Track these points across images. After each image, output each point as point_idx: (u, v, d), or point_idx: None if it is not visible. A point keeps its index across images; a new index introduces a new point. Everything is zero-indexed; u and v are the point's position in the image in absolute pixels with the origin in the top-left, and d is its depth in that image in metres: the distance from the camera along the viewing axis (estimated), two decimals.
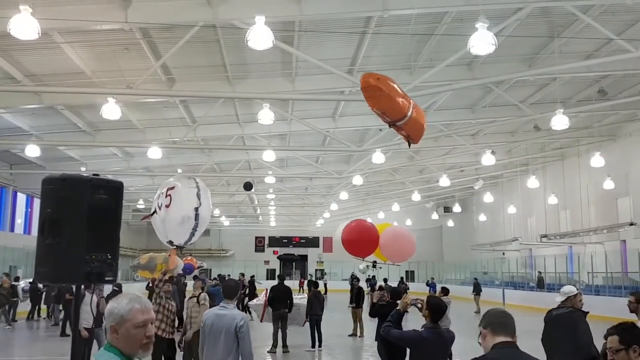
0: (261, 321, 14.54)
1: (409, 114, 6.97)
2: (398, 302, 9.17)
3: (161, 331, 8.24)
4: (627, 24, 13.77)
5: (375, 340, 8.95)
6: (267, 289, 14.82)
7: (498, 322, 3.13)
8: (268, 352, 13.52)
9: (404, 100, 7.01)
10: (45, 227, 3.74)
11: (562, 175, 29.30)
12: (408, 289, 26.36)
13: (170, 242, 7.26)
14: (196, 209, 7.09)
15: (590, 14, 12.49)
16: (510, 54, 15.22)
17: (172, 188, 7.16)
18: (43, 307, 21.35)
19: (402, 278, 37.69)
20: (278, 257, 51.01)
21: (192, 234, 7.18)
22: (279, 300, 13.89)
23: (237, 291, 5.97)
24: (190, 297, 9.10)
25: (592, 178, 25.95)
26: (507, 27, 12.42)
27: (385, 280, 27.39)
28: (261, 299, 15.03)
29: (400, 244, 8.15)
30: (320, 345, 14.20)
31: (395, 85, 7.06)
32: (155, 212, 7.14)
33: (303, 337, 14.66)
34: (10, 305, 19.02)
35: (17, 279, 21.46)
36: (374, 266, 16.17)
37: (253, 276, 26.21)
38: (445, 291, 13.40)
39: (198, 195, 7.13)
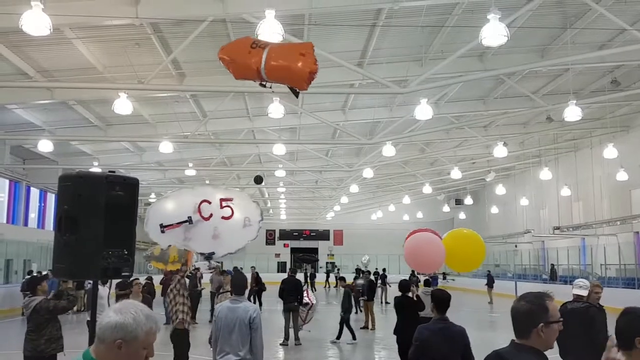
0: (305, 323, 14.46)
1: (262, 66, 6.30)
2: (409, 294, 9.20)
3: (187, 324, 8.05)
4: None
5: (394, 334, 9.02)
6: (307, 289, 14.89)
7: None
8: (280, 344, 13.60)
9: (251, 57, 6.40)
10: (62, 223, 3.78)
11: (575, 167, 29.05)
12: (419, 281, 26.30)
13: (210, 255, 7.19)
14: (259, 222, 7.03)
15: (603, 3, 12.34)
16: (523, 44, 15.08)
17: (229, 200, 7.06)
18: None
19: (413, 271, 37.64)
20: (298, 258, 50.27)
21: (238, 250, 7.16)
22: (289, 293, 13.99)
23: (246, 286, 6.09)
24: (224, 292, 9.08)
25: (606, 169, 25.71)
26: (519, 18, 12.31)
27: (359, 271, 27.40)
28: (313, 298, 14.82)
29: (425, 253, 7.94)
30: (354, 338, 14.37)
31: (241, 46, 6.53)
32: (189, 221, 6.93)
33: (321, 331, 14.69)
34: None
35: (30, 272, 21.69)
36: (444, 278, 15.87)
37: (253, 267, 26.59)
38: (426, 283, 13.32)
39: (261, 214, 7.14)
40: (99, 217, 3.75)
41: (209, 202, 6.99)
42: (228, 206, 6.96)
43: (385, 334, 14.33)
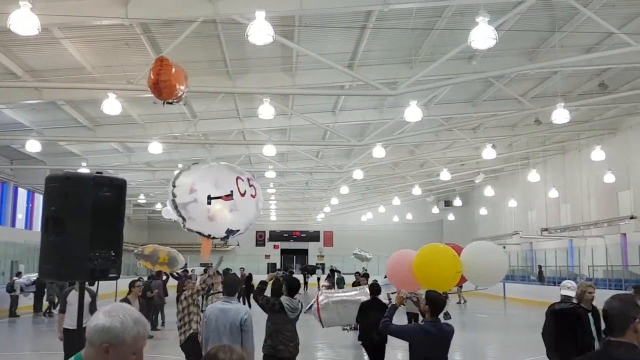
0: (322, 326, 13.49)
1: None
2: (379, 297, 9.09)
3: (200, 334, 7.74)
4: (627, 18, 13.74)
5: (359, 340, 8.94)
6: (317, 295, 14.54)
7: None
8: None
9: None
10: (49, 224, 3.76)
11: (562, 169, 29.29)
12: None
13: (232, 233, 7.30)
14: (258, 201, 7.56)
15: (591, 7, 12.46)
16: (511, 47, 15.19)
17: (252, 179, 7.34)
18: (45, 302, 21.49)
19: None
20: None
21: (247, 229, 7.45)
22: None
23: (238, 287, 6.10)
24: (216, 292, 8.89)
25: (593, 171, 25.94)
26: (507, 21, 12.38)
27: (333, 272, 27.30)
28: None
29: (400, 271, 7.89)
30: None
31: None
32: (231, 195, 7.01)
33: (309, 333, 14.65)
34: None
35: (19, 274, 21.53)
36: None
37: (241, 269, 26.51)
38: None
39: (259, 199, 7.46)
40: (86, 218, 3.73)
41: (242, 179, 7.18)
42: (253, 185, 7.22)
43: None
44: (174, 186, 7.00)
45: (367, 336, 8.61)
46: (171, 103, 9.20)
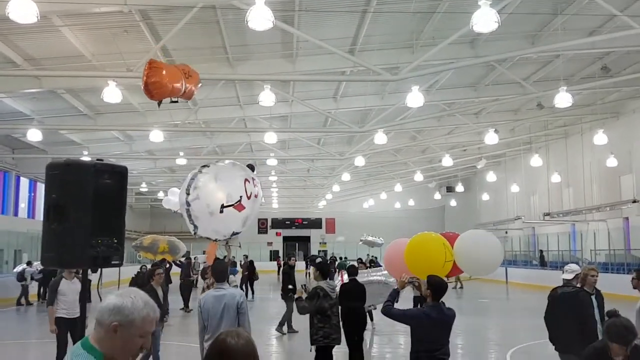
0: None
1: None
2: (357, 278, 9.10)
3: None
4: (631, 0, 13.61)
5: (341, 319, 8.96)
6: (342, 271, 14.61)
7: None
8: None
9: None
10: (50, 212, 3.75)
11: (565, 153, 29.21)
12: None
13: (235, 233, 7.42)
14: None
15: None
16: (513, 31, 15.08)
17: (255, 177, 7.50)
18: None
19: None
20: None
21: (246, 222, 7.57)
22: None
23: (227, 273, 6.29)
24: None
25: (595, 156, 25.87)
26: (510, 4, 12.25)
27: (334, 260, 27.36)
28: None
29: (394, 259, 7.94)
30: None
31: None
32: (240, 200, 7.11)
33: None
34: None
35: (29, 263, 21.58)
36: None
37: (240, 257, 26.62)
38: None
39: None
40: (87, 206, 3.72)
41: (249, 181, 7.29)
42: (256, 185, 7.39)
43: (377, 320, 14.41)
44: (187, 194, 7.06)
45: (353, 315, 8.57)
46: (176, 101, 9.29)
